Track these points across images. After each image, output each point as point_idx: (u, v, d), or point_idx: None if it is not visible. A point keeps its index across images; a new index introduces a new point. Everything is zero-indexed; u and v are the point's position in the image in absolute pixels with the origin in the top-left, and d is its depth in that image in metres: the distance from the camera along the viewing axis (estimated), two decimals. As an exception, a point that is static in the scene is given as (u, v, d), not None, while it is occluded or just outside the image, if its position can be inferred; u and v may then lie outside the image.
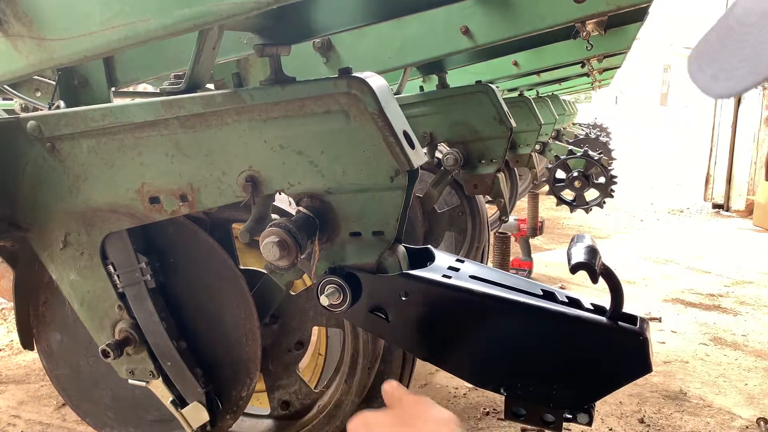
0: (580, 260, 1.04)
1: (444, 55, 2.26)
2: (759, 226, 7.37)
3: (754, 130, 8.03)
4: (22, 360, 3.27)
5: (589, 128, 10.33)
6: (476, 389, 2.88)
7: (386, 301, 1.19)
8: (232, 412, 1.46)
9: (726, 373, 3.28)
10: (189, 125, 1.20)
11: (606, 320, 1.10)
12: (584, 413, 1.15)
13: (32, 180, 1.31)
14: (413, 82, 3.48)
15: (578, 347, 1.13)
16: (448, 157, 3.02)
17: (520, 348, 1.17)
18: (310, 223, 1.18)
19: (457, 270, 1.23)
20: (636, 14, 2.88)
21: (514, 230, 5.00)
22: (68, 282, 1.38)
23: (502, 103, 2.98)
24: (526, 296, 1.16)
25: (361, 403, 1.55)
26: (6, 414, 2.69)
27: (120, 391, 1.57)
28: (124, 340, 1.38)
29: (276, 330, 1.57)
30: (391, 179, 1.13)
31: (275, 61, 1.20)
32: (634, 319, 1.11)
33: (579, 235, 1.14)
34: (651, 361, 1.09)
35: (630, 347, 1.10)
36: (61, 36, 0.99)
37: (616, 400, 2.87)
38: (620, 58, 4.59)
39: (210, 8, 0.90)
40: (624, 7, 1.95)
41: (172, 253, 1.42)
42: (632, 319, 1.11)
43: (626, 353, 1.11)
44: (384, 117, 1.11)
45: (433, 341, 1.21)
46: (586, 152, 5.25)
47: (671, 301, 4.50)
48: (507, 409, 1.19)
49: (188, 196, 1.24)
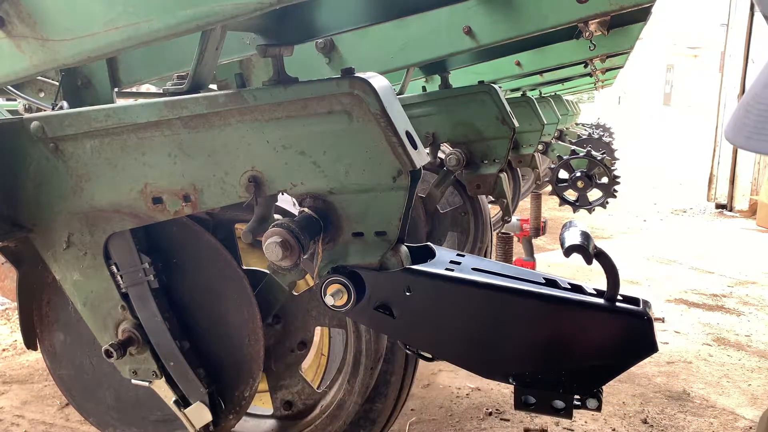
0: (574, 243, 1.05)
1: (446, 55, 2.26)
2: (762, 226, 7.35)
3: (757, 130, 8.01)
4: (26, 360, 3.28)
5: (592, 128, 10.32)
6: (479, 389, 2.88)
7: (390, 298, 1.19)
8: (235, 412, 1.46)
9: (729, 374, 3.27)
10: (192, 126, 1.20)
11: (606, 302, 1.11)
12: (593, 398, 1.15)
13: (36, 180, 1.31)
14: (416, 83, 3.48)
15: (583, 331, 1.14)
16: (450, 157, 3.03)
17: (526, 336, 1.18)
18: (312, 224, 1.18)
19: (459, 264, 1.24)
20: (639, 14, 2.88)
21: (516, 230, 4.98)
22: (71, 282, 1.39)
23: (505, 103, 2.98)
24: (529, 284, 1.16)
25: (363, 403, 1.55)
26: (9, 414, 2.69)
27: (123, 391, 1.57)
28: (127, 340, 1.38)
29: (279, 330, 1.57)
30: (393, 179, 1.14)
31: (278, 62, 1.21)
32: (636, 300, 1.12)
33: (571, 222, 1.16)
34: (656, 341, 1.10)
35: (634, 328, 1.10)
36: (65, 37, 0.99)
37: (619, 400, 2.87)
38: (623, 58, 4.59)
39: (213, 9, 0.90)
40: (627, 7, 1.94)
41: (175, 253, 1.42)
42: (634, 300, 1.12)
43: (631, 334, 1.11)
44: (387, 117, 1.11)
45: (439, 335, 1.21)
46: (589, 152, 5.24)
47: (674, 302, 4.49)
48: (516, 399, 1.19)
49: (191, 197, 1.25)
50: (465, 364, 1.24)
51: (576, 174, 5.18)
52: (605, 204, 5.31)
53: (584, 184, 5.19)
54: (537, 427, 2.53)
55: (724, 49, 8.33)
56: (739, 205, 8.27)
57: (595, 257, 1.07)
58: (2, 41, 1.02)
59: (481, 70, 3.48)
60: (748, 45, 7.82)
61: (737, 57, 7.95)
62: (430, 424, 2.58)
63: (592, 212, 5.39)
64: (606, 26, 2.34)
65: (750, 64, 7.83)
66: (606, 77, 5.97)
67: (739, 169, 8.27)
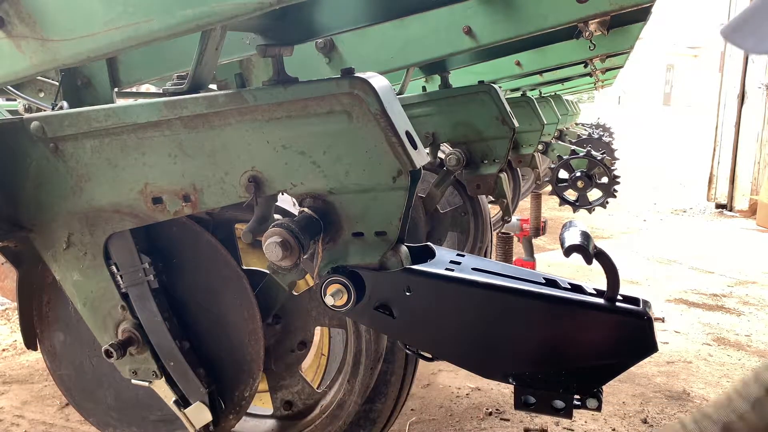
0: (574, 243, 1.05)
1: (446, 55, 2.26)
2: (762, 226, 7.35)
3: (757, 129, 8.01)
4: (26, 360, 3.28)
5: (592, 128, 10.32)
6: (479, 389, 2.88)
7: (390, 298, 1.20)
8: (235, 412, 1.46)
9: (729, 374, 3.27)
10: (192, 126, 1.20)
11: (606, 302, 1.11)
12: (593, 398, 1.15)
13: (36, 180, 1.31)
14: (416, 83, 3.48)
15: (583, 331, 1.14)
16: (450, 157, 3.03)
17: (526, 336, 1.18)
18: (312, 224, 1.18)
19: (459, 263, 1.24)
20: (639, 14, 2.88)
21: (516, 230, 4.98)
22: (71, 282, 1.39)
23: (505, 103, 2.98)
24: (529, 284, 1.16)
25: (363, 403, 1.55)
26: (9, 414, 2.69)
27: (123, 391, 1.57)
28: (127, 340, 1.38)
29: (279, 330, 1.57)
30: (393, 179, 1.14)
31: (278, 62, 1.21)
32: (636, 300, 1.13)
33: (571, 221, 1.16)
34: (656, 340, 1.10)
35: (634, 328, 1.10)
36: (65, 37, 0.99)
37: (619, 400, 2.87)
38: (623, 58, 4.59)
39: (213, 9, 0.90)
40: (627, 7, 1.94)
41: (175, 253, 1.42)
42: (634, 300, 1.12)
43: (631, 334, 1.11)
44: (386, 117, 1.11)
45: (439, 334, 1.21)
46: (589, 152, 5.24)
47: (674, 302, 4.49)
48: (516, 399, 1.19)
49: (191, 197, 1.25)
50: (465, 364, 1.24)
51: (576, 174, 5.18)
52: (605, 204, 5.31)
53: (584, 184, 5.18)
54: (537, 427, 2.53)
55: (724, 49, 8.33)
56: (739, 205, 8.27)
57: (594, 257, 1.07)
58: (2, 41, 1.02)
59: (481, 70, 3.47)
60: (748, 45, 7.80)
61: (737, 57, 7.95)
62: (430, 424, 2.58)
63: (592, 212, 5.38)
64: (606, 26, 2.34)
65: (750, 64, 7.83)
66: (606, 77, 5.97)
67: (739, 169, 8.27)
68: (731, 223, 7.74)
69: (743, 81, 7.93)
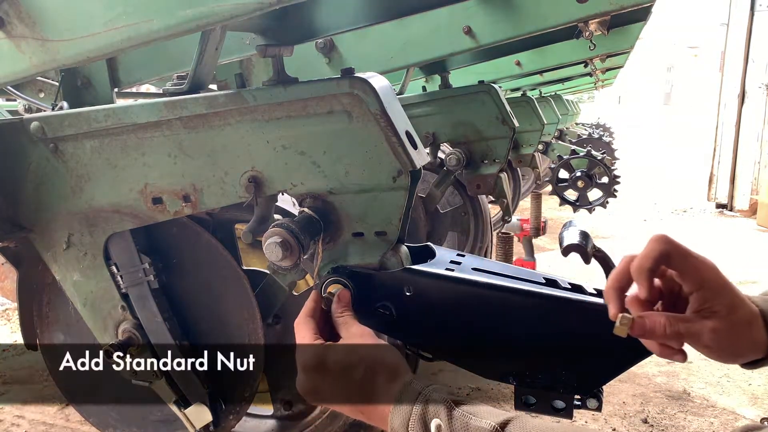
0: (572, 242, 1.05)
1: (446, 55, 2.26)
2: (763, 225, 7.34)
3: (758, 129, 8.01)
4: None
5: (592, 128, 10.32)
6: (479, 389, 2.88)
7: (391, 298, 1.19)
8: (235, 412, 1.46)
9: (730, 374, 3.27)
10: (192, 126, 1.20)
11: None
12: (593, 398, 1.15)
13: (35, 181, 1.31)
14: (416, 82, 3.48)
15: (584, 331, 1.14)
16: (450, 157, 3.02)
17: (527, 336, 1.17)
18: (312, 224, 1.18)
19: (459, 264, 1.23)
20: (639, 14, 2.88)
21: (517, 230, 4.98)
22: (71, 282, 1.39)
23: (505, 103, 2.98)
24: (530, 284, 1.16)
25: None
26: (10, 414, 2.69)
27: (123, 391, 1.57)
28: (127, 341, 1.38)
29: (279, 330, 1.57)
30: (393, 179, 1.13)
31: (278, 62, 1.20)
32: None
33: (571, 221, 1.16)
34: None
35: None
36: (65, 37, 0.99)
37: (620, 400, 2.87)
38: (623, 58, 4.59)
39: (213, 9, 0.90)
40: (627, 7, 1.94)
41: (175, 253, 1.42)
42: None
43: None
44: (386, 117, 1.11)
45: (439, 335, 1.21)
46: (589, 152, 5.24)
47: (675, 302, 4.49)
48: (516, 399, 1.19)
49: (191, 197, 1.25)
50: (465, 364, 1.24)
51: (576, 174, 5.18)
52: (605, 204, 5.30)
53: (584, 183, 5.18)
54: (537, 427, 2.52)
55: (724, 49, 8.33)
56: (739, 205, 8.27)
57: (594, 257, 1.07)
58: (2, 41, 1.02)
59: (481, 70, 3.47)
60: (748, 45, 7.81)
61: (737, 57, 7.95)
62: (431, 424, 2.57)
63: (592, 212, 5.38)
64: (606, 26, 2.34)
65: (750, 63, 7.83)
66: (606, 77, 5.97)
67: (739, 169, 8.27)
68: (731, 223, 7.74)
69: (743, 81, 7.93)
